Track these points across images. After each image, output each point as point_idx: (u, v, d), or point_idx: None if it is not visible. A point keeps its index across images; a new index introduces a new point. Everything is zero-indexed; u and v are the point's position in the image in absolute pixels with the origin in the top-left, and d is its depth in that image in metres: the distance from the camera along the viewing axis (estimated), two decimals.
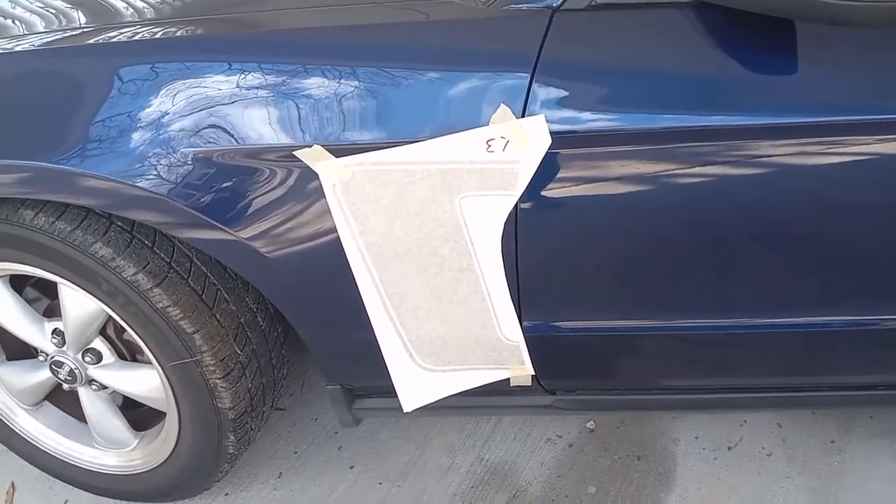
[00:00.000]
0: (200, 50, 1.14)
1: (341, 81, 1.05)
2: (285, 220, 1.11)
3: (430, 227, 1.09)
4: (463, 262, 1.11)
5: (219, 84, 1.07)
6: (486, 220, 1.08)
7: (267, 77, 1.07)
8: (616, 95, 1.03)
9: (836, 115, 1.00)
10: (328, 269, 1.14)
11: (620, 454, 1.62)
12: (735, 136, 1.02)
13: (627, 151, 1.03)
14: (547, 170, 1.03)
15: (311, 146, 1.04)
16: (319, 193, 1.07)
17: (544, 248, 1.12)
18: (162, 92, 1.08)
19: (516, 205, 1.06)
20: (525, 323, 1.18)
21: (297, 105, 1.06)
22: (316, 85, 1.06)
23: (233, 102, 1.06)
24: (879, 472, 1.55)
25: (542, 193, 1.06)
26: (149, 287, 1.21)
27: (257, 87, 1.07)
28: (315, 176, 1.06)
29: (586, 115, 1.02)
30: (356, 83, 1.05)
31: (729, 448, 1.62)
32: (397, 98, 1.05)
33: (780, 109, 1.00)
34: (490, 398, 1.35)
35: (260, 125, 1.06)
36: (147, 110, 1.08)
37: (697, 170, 1.04)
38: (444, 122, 1.03)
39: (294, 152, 1.05)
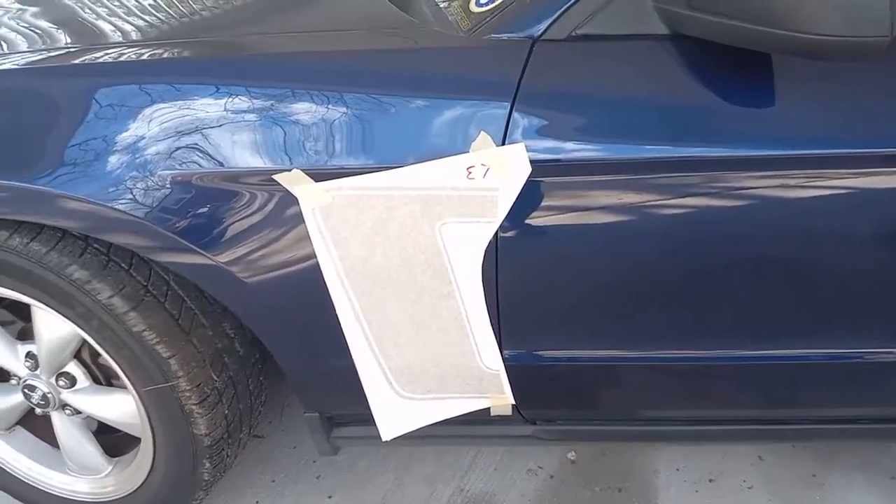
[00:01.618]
0: (183, 73, 1.14)
1: (323, 106, 1.05)
2: (264, 245, 1.10)
3: (410, 254, 1.08)
4: (443, 288, 1.11)
5: (200, 107, 1.07)
6: (466, 246, 1.07)
7: (249, 101, 1.07)
8: (595, 125, 1.03)
9: (814, 147, 1.01)
10: (307, 294, 1.13)
11: (602, 486, 1.61)
12: (713, 168, 1.02)
13: (607, 181, 1.04)
14: (527, 198, 1.03)
15: (290, 170, 1.04)
16: (299, 218, 1.06)
17: (525, 276, 1.12)
18: (143, 114, 1.07)
19: (497, 232, 1.06)
20: (505, 351, 1.18)
21: (278, 129, 1.05)
22: (298, 110, 1.06)
23: (215, 126, 1.06)
24: None
25: (523, 221, 1.06)
26: (125, 310, 1.19)
27: (239, 111, 1.06)
28: (295, 200, 1.05)
29: (566, 144, 1.03)
30: (337, 108, 1.05)
31: (710, 480, 1.61)
32: (378, 124, 1.05)
33: (758, 141, 1.01)
34: (470, 427, 1.34)
35: (240, 149, 1.06)
36: (127, 133, 1.07)
37: (677, 200, 1.05)
38: (424, 148, 1.03)
39: (273, 176, 1.04)
